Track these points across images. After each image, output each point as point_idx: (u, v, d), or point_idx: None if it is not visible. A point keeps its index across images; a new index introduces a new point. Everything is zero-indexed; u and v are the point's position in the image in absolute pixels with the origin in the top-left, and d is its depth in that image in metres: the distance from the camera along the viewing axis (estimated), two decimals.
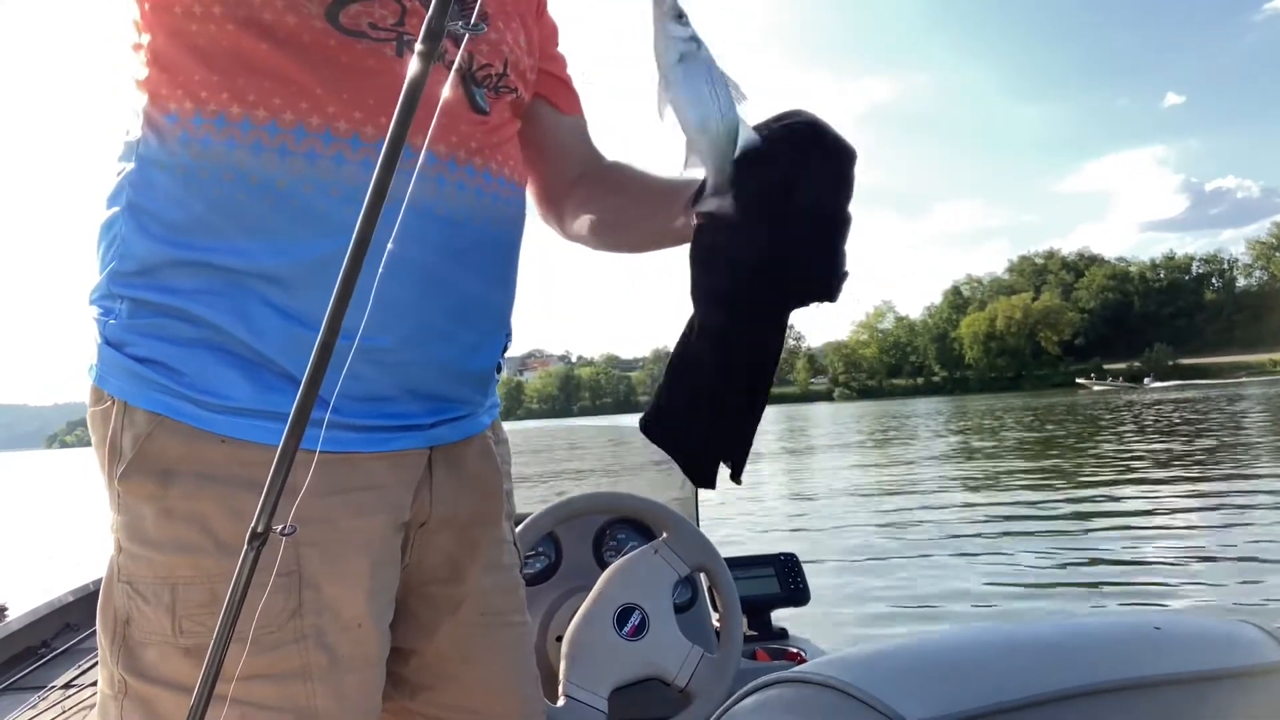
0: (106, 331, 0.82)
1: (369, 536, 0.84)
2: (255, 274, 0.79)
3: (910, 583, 5.74)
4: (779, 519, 8.87)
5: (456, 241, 0.85)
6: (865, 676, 0.53)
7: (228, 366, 0.79)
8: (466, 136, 0.87)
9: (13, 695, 2.00)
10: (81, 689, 1.95)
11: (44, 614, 2.40)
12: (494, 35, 0.92)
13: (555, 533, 1.76)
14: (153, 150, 0.81)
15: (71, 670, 2.07)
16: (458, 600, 0.97)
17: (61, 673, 2.07)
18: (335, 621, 0.81)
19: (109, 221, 0.83)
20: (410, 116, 0.53)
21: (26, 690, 2.01)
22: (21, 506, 20.41)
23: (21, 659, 2.24)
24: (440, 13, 0.53)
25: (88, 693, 1.92)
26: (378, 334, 0.80)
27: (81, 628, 2.42)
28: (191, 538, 0.78)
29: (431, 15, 0.53)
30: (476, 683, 0.98)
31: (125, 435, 0.79)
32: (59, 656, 2.23)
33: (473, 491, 0.97)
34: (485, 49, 0.90)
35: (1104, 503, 8.64)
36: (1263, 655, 0.57)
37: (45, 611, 2.42)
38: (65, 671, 2.07)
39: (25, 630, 2.32)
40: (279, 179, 0.78)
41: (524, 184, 0.99)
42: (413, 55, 0.53)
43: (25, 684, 2.07)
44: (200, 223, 0.79)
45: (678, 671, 1.48)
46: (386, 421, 0.85)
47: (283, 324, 0.79)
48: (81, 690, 1.94)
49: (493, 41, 0.91)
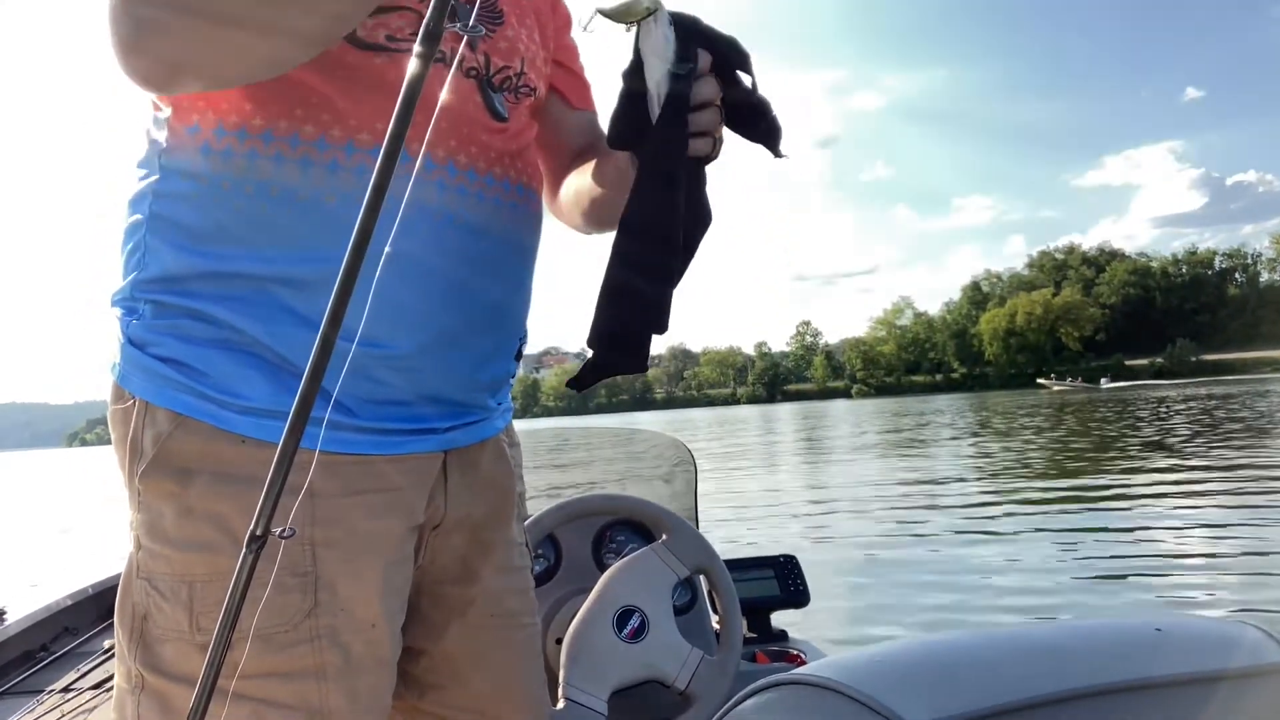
0: (130, 331, 0.83)
1: (384, 538, 0.85)
2: (277, 280, 0.80)
3: (910, 584, 5.74)
4: (780, 520, 8.88)
5: (476, 250, 0.87)
6: (865, 679, 0.53)
7: (249, 368, 0.80)
8: (486, 146, 0.88)
9: (11, 699, 2.00)
10: (80, 693, 1.94)
11: (42, 617, 2.40)
12: (510, 33, 0.92)
13: (555, 534, 1.76)
14: (175, 161, 0.83)
15: (70, 674, 2.06)
16: (468, 601, 0.97)
17: (60, 676, 2.07)
18: (349, 622, 0.82)
19: (131, 227, 0.85)
20: (408, 118, 0.53)
21: (25, 694, 2.01)
22: (37, 505, 20.44)
23: (20, 663, 2.24)
24: (438, 15, 0.53)
25: (86, 696, 1.91)
26: (397, 340, 0.82)
27: (80, 631, 2.41)
28: (209, 536, 0.78)
29: (430, 17, 0.53)
30: (485, 683, 0.99)
31: (146, 434, 0.81)
32: (58, 660, 2.23)
33: (486, 494, 0.98)
34: (503, 46, 0.91)
35: (1109, 503, 8.64)
36: (1263, 656, 0.57)
37: (44, 615, 2.41)
38: (64, 675, 2.07)
39: (24, 634, 2.32)
40: (300, 190, 0.79)
41: (540, 187, 0.99)
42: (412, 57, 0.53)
43: (23, 688, 2.07)
44: (223, 232, 0.81)
45: (677, 673, 1.48)
46: (402, 425, 0.86)
47: (303, 330, 0.80)
48: (80, 694, 1.94)
49: (509, 39, 0.92)
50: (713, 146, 0.84)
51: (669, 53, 0.78)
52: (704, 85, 0.81)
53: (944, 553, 6.69)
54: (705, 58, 0.80)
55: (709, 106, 0.81)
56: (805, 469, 15.17)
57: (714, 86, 0.81)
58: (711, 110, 0.82)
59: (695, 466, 2.22)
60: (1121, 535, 6.96)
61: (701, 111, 0.81)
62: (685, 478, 2.20)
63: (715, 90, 0.81)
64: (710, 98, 0.81)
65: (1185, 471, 10.46)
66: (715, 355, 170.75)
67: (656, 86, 0.79)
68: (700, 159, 0.83)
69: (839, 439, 23.12)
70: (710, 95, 0.81)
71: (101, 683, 1.98)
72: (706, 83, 0.81)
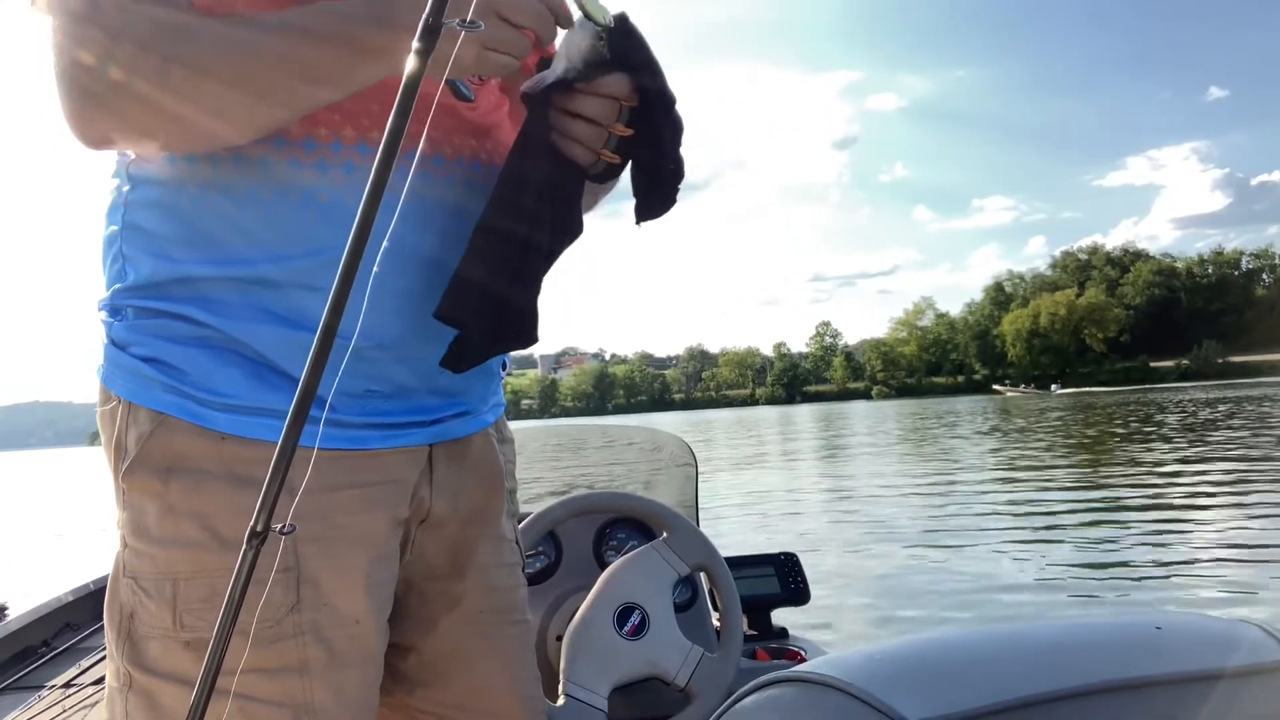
0: (113, 333, 0.84)
1: (368, 533, 0.85)
2: (251, 281, 0.80)
3: (912, 582, 5.74)
4: (779, 518, 8.88)
5: (450, 233, 0.86)
6: (865, 676, 0.53)
7: (229, 365, 0.80)
8: (450, 130, 0.87)
9: (13, 695, 2.00)
10: (82, 688, 1.94)
11: (44, 613, 2.40)
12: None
13: (555, 532, 1.76)
14: (144, 170, 0.83)
15: (72, 670, 2.07)
16: (457, 597, 0.97)
17: (62, 672, 2.07)
18: (333, 617, 0.82)
19: (109, 238, 0.85)
20: (408, 115, 0.53)
21: (26, 690, 2.01)
22: (49, 504, 20.51)
23: (22, 658, 2.24)
24: (438, 9, 0.53)
25: (88, 692, 1.92)
26: (375, 333, 0.81)
27: (82, 627, 2.42)
28: (192, 534, 0.79)
29: (429, 12, 0.53)
30: (475, 681, 0.98)
31: (129, 433, 0.81)
32: (59, 656, 2.23)
33: (473, 488, 0.97)
34: None
35: (1114, 502, 8.64)
36: (1263, 655, 0.57)
37: (45, 610, 2.41)
38: (66, 671, 2.07)
39: (25, 629, 2.32)
40: (262, 191, 0.80)
41: None
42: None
43: (25, 683, 2.07)
44: (194, 237, 0.81)
45: (678, 671, 1.48)
46: (386, 419, 0.86)
47: (280, 327, 0.80)
48: (82, 689, 1.94)
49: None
50: (593, 162, 0.82)
51: (577, 58, 0.77)
52: (593, 103, 0.78)
53: (944, 553, 6.69)
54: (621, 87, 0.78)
55: (592, 124, 0.80)
56: (810, 469, 15.16)
57: (607, 111, 0.79)
58: (595, 129, 0.80)
59: (696, 464, 2.22)
60: (1120, 536, 6.96)
61: (578, 122, 0.79)
62: (686, 475, 2.20)
63: (603, 110, 0.79)
64: (591, 114, 0.79)
65: (1183, 471, 10.45)
66: (733, 356, 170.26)
67: (551, 69, 0.79)
68: (578, 166, 0.82)
69: (855, 440, 23.11)
70: (594, 111, 0.79)
71: (102, 678, 1.98)
72: (601, 105, 0.79)
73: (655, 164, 0.84)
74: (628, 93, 0.79)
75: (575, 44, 0.78)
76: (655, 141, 0.82)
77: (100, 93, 0.73)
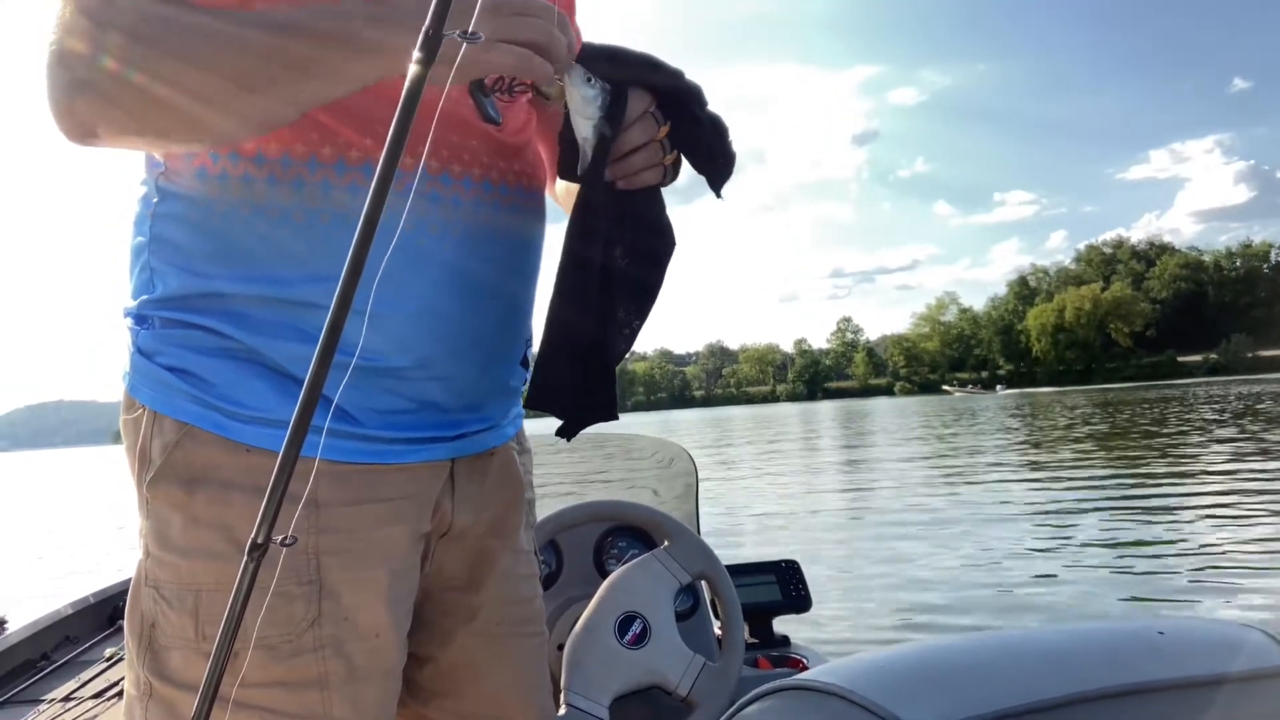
0: (139, 341, 0.84)
1: (389, 547, 0.85)
2: (281, 300, 0.80)
3: (913, 589, 5.73)
4: (781, 524, 8.86)
5: (480, 256, 0.86)
6: (868, 683, 0.53)
7: (255, 377, 0.81)
8: (478, 151, 0.87)
9: (11, 709, 1.99)
10: (81, 701, 1.94)
11: (43, 626, 2.40)
12: None
13: (556, 541, 1.76)
14: (174, 184, 0.83)
15: (71, 683, 2.06)
16: (474, 609, 0.97)
17: (61, 685, 2.06)
18: (354, 631, 0.82)
19: (136, 249, 0.85)
20: (408, 126, 0.53)
21: (26, 704, 2.00)
22: (65, 505, 20.49)
23: (21, 671, 2.23)
24: (438, 21, 0.53)
25: (87, 705, 1.91)
26: (397, 354, 0.82)
27: (81, 640, 2.41)
28: (216, 545, 0.79)
29: (429, 23, 0.53)
30: (490, 692, 0.99)
31: (154, 443, 0.81)
32: (59, 669, 2.22)
33: (494, 502, 0.97)
34: None
35: (1118, 502, 8.63)
36: (1266, 660, 0.57)
37: (45, 623, 2.41)
38: (65, 684, 2.06)
39: (25, 642, 2.31)
40: (295, 211, 0.80)
41: (544, 183, 0.99)
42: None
43: (24, 697, 2.06)
44: (225, 253, 0.81)
45: (679, 680, 1.47)
46: (410, 433, 0.86)
47: (309, 346, 0.80)
48: (81, 703, 1.93)
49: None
50: (663, 175, 0.86)
51: (592, 110, 0.81)
52: (634, 132, 0.83)
53: (945, 556, 6.68)
54: (642, 100, 0.83)
55: (645, 147, 0.84)
56: (812, 470, 15.14)
57: (647, 129, 0.83)
58: (649, 149, 0.84)
59: (696, 472, 2.22)
60: (1122, 536, 6.95)
61: (634, 155, 0.84)
62: (686, 483, 2.20)
63: (648, 132, 0.83)
64: (639, 142, 0.84)
65: (1183, 473, 10.45)
66: (754, 352, 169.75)
67: (584, 142, 0.82)
68: (652, 187, 0.87)
69: (856, 440, 23.09)
70: (638, 139, 0.83)
71: (102, 691, 1.98)
72: (640, 128, 0.83)
73: (697, 135, 0.87)
74: (650, 101, 0.83)
75: (581, 106, 0.81)
76: (689, 116, 0.86)
77: (86, 83, 0.72)
